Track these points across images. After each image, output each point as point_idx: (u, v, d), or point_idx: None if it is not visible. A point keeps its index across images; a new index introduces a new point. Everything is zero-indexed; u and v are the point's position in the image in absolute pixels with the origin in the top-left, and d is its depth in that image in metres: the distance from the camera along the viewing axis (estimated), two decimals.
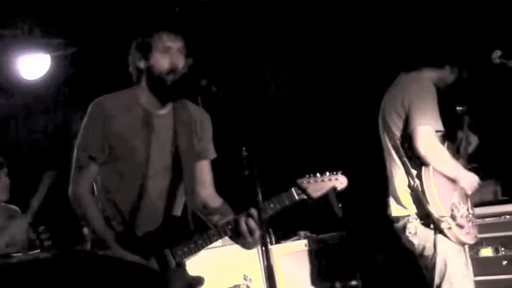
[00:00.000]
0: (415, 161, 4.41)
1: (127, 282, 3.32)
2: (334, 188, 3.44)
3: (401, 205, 4.47)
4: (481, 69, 4.76)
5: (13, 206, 5.62)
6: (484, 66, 4.60)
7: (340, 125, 6.67)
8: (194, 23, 5.72)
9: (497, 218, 5.27)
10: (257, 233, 3.32)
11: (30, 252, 5.28)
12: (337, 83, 6.68)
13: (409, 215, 4.42)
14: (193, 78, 3.43)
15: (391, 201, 4.54)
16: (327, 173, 3.45)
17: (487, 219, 5.23)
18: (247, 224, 3.34)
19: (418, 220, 4.39)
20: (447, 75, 4.68)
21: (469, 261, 4.55)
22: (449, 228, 4.31)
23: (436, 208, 4.30)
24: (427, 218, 4.35)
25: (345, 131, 6.57)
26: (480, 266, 5.20)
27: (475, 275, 5.16)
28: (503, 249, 5.21)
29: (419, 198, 4.34)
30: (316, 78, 6.78)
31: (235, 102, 3.25)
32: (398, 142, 4.47)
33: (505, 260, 5.20)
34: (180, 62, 3.50)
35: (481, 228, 5.05)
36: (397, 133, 4.49)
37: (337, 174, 3.47)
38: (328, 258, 6.12)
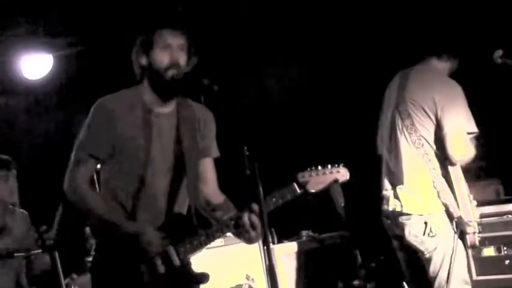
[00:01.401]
0: (441, 160, 4.40)
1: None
2: (335, 181, 3.44)
3: (420, 201, 4.39)
4: (482, 68, 4.76)
5: (20, 209, 5.63)
6: (485, 66, 4.60)
7: (342, 123, 6.67)
8: (196, 21, 5.72)
9: (499, 217, 5.25)
10: (259, 228, 3.33)
11: (33, 252, 5.29)
12: (338, 80, 6.68)
13: (426, 214, 4.35)
14: (196, 76, 3.44)
15: (404, 196, 4.44)
16: (329, 166, 3.45)
17: (489, 219, 5.21)
18: (249, 218, 3.35)
19: (444, 219, 4.35)
20: (453, 66, 4.66)
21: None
22: (474, 233, 4.30)
23: (466, 211, 4.29)
24: (451, 220, 4.34)
25: (346, 129, 6.57)
26: (482, 265, 5.18)
27: (478, 275, 5.15)
28: (505, 248, 5.19)
29: (447, 198, 4.33)
30: (316, 76, 6.79)
31: (237, 101, 3.25)
32: (423, 139, 4.42)
33: (507, 259, 5.18)
34: (181, 59, 3.51)
35: (484, 227, 5.05)
36: (421, 129, 4.42)
37: (338, 166, 3.47)
38: (330, 258, 6.12)
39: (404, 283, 4.76)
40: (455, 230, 4.33)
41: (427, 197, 4.38)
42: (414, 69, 4.61)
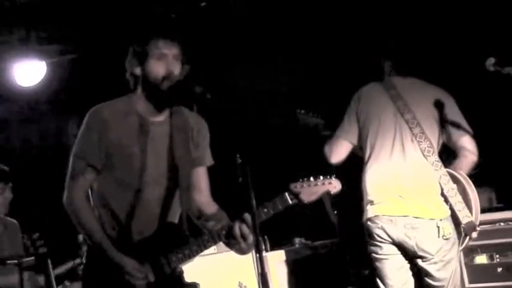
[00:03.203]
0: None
1: None
2: (328, 193, 3.44)
3: (430, 207, 4.35)
4: (475, 76, 4.77)
5: (11, 219, 5.63)
6: (478, 74, 4.61)
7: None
8: (189, 29, 5.73)
9: (492, 225, 5.28)
10: (250, 238, 3.32)
11: (25, 259, 5.28)
12: (333, 88, 6.69)
13: (437, 219, 4.32)
14: (188, 85, 3.43)
15: (413, 201, 4.37)
16: (321, 177, 3.45)
17: (482, 226, 5.22)
18: (240, 229, 3.34)
19: (451, 224, 4.34)
20: None
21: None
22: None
23: (477, 215, 4.34)
24: (457, 225, 4.35)
25: None
26: (475, 273, 5.21)
27: (470, 282, 5.17)
28: (498, 256, 5.21)
29: (458, 204, 4.34)
30: (311, 84, 6.79)
31: (229, 109, 3.25)
32: (433, 147, 4.41)
33: (500, 267, 5.20)
34: (176, 69, 3.49)
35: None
36: (430, 137, 4.42)
37: (330, 178, 3.47)
38: (323, 265, 6.12)
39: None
40: (462, 234, 4.34)
41: (436, 203, 4.37)
42: (396, 79, 4.62)
